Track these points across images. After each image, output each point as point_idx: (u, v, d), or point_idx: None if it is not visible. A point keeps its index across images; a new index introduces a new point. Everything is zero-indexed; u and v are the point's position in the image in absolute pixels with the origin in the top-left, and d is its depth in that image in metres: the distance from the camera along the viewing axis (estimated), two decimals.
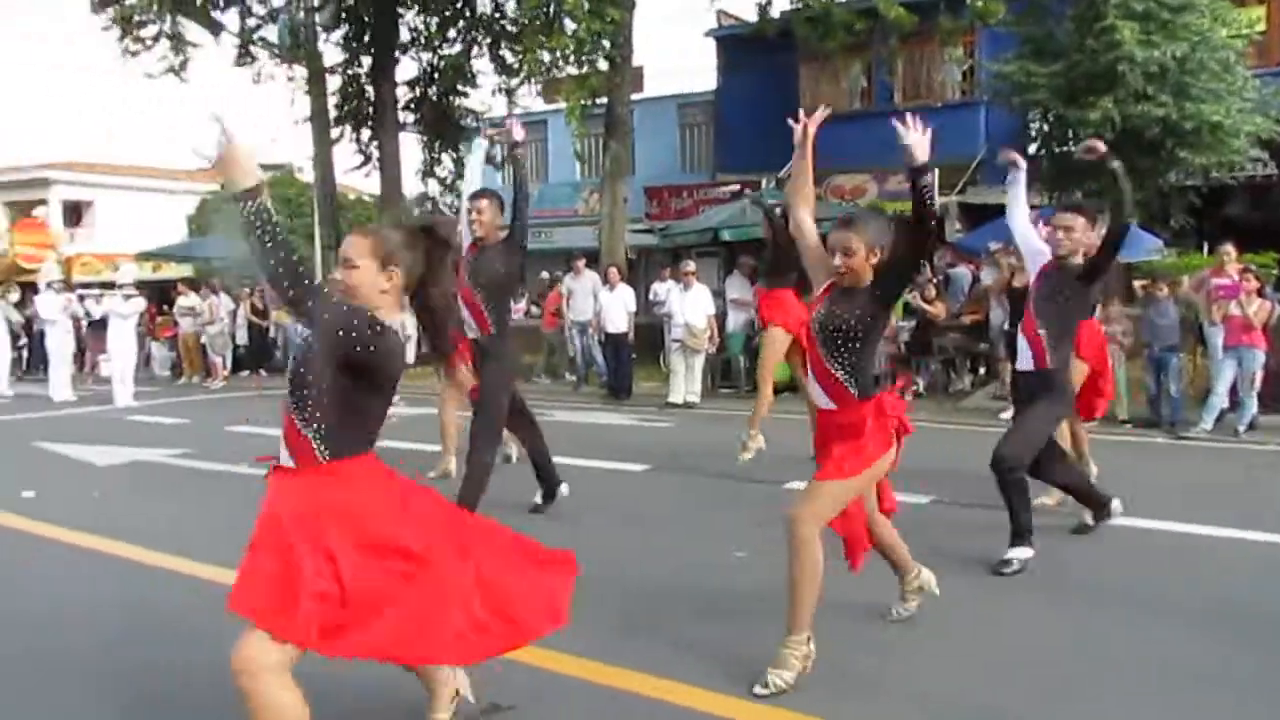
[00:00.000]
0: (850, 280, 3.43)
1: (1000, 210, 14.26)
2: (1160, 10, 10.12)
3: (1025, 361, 5.07)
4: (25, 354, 18.03)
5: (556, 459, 6.26)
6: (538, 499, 6.09)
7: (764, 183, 17.41)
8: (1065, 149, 11.46)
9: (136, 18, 16.31)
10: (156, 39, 16.77)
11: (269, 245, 2.38)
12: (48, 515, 6.28)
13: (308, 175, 25.80)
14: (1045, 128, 11.75)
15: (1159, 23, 10.12)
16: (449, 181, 20.39)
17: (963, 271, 13.01)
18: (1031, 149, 13.19)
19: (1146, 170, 10.82)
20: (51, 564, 5.37)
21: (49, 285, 14.47)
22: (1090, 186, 10.96)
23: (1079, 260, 4.95)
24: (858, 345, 3.39)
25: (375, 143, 19.25)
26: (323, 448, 2.47)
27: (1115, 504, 5.27)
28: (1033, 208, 13.23)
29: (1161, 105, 10.09)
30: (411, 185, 20.45)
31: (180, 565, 5.03)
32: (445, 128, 19.70)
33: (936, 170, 13.10)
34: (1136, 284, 12.97)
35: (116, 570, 5.09)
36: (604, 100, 15.89)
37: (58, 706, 3.42)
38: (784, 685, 3.27)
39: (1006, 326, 10.96)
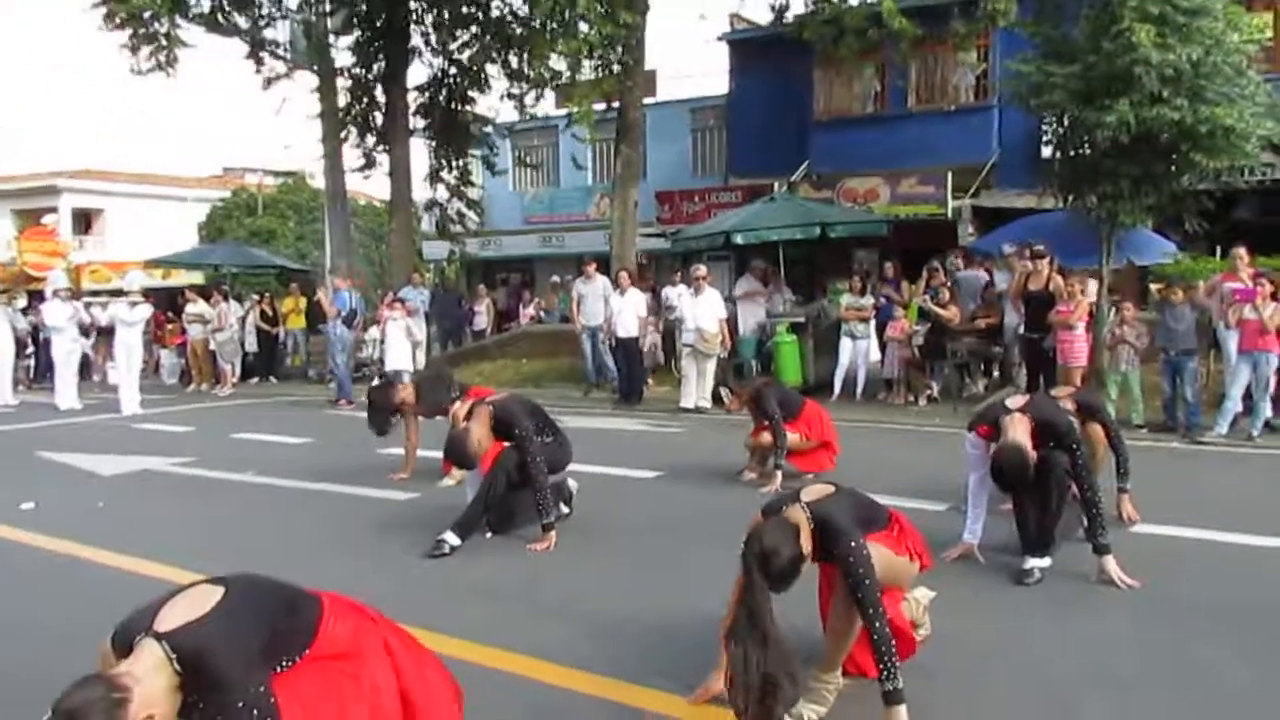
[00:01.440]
0: None
1: (1014, 213, 14.33)
2: (1175, 14, 10.04)
3: None
4: (33, 363, 18.03)
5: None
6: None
7: (776, 185, 17.32)
8: (1080, 151, 11.36)
9: (145, 14, 16.27)
10: (154, 38, 16.75)
11: None
12: (49, 526, 6.20)
13: (318, 182, 25.85)
14: (1060, 130, 11.60)
15: (1174, 26, 10.03)
16: (456, 187, 20.34)
17: (974, 274, 12.86)
18: (1046, 152, 13.06)
19: (1160, 174, 10.76)
20: (49, 575, 5.30)
21: (55, 293, 14.43)
22: (1104, 189, 10.85)
23: None
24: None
25: (383, 147, 19.21)
26: None
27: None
28: (1046, 211, 13.25)
29: (1176, 108, 9.98)
30: (420, 191, 20.45)
31: (180, 576, 4.94)
32: (454, 133, 19.66)
33: (950, 173, 13.16)
34: (1152, 288, 12.85)
35: (115, 581, 5.00)
36: (616, 104, 15.81)
37: None
38: (815, 718, 3.21)
39: (1021, 330, 10.86)
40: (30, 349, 17.77)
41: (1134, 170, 10.64)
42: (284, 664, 2.27)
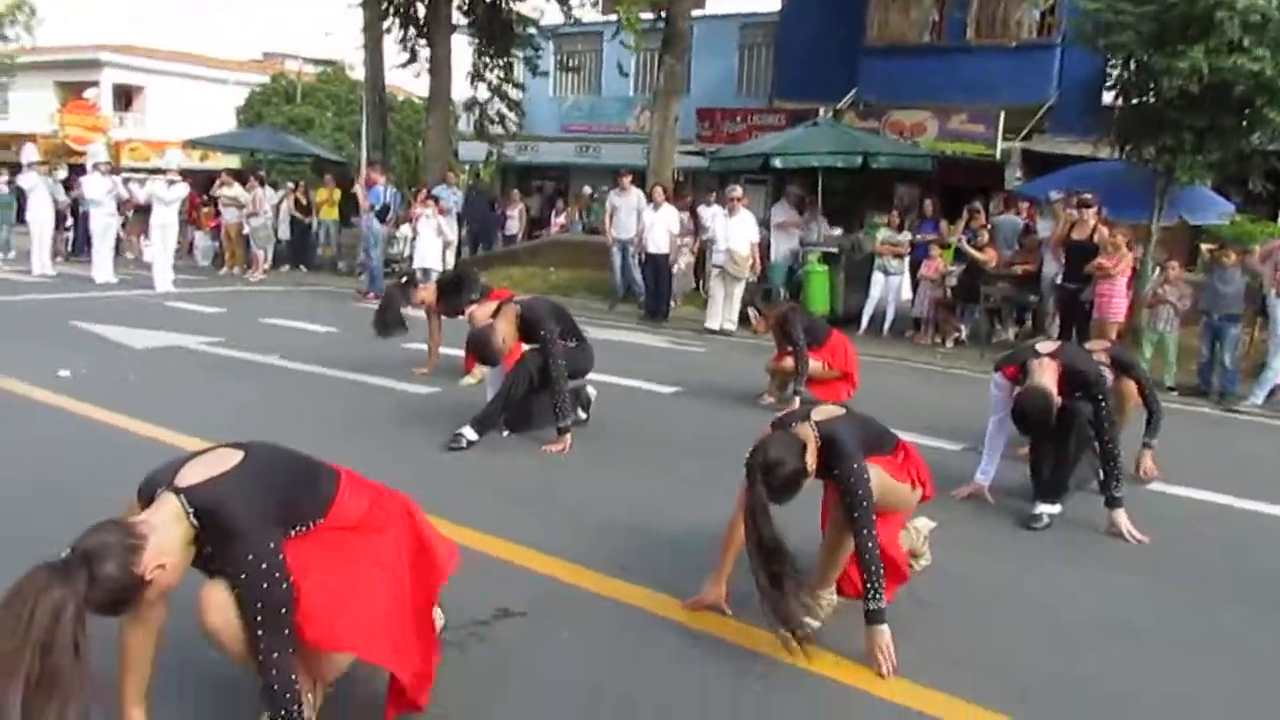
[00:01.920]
0: None
1: (1065, 160, 13.95)
2: None
3: None
4: (71, 235, 18.18)
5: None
6: (467, 431, 5.56)
7: (821, 111, 16.94)
8: (1144, 99, 10.92)
9: None
10: None
11: None
12: (81, 393, 6.32)
13: (358, 73, 25.59)
14: (1126, 75, 11.14)
15: None
16: (497, 86, 20.03)
17: (1012, 219, 12.58)
18: (1107, 98, 12.62)
19: (1229, 129, 10.28)
20: (79, 439, 5.40)
21: (95, 167, 14.42)
22: (1165, 141, 10.47)
23: None
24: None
25: (424, 41, 18.89)
26: None
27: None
28: (1099, 160, 12.79)
29: (1257, 59, 9.40)
30: (461, 89, 20.17)
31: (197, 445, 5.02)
32: (497, 31, 19.28)
33: (1003, 113, 12.54)
34: (1203, 248, 12.51)
35: (140, 448, 5.09)
36: (664, 14, 15.42)
37: None
38: (809, 631, 3.23)
39: (1059, 280, 10.67)
40: (69, 221, 17.91)
41: (1199, 123, 10.17)
42: (298, 529, 2.31)
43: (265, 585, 2.12)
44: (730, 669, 2.99)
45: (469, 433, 5.48)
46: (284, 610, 2.14)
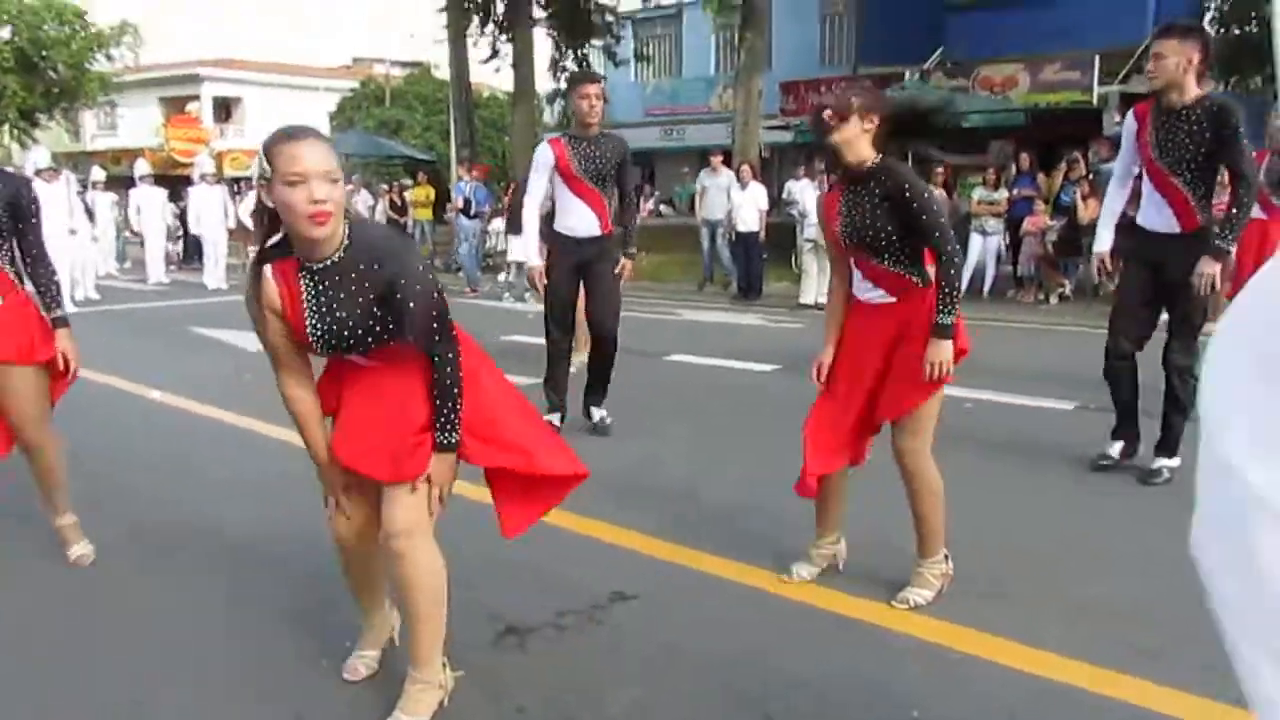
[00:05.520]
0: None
1: None
2: None
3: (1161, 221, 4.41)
4: (182, 245, 19.06)
5: (680, 357, 6.21)
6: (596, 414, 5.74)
7: (907, 74, 16.58)
8: (1243, 29, 10.46)
9: None
10: None
11: None
12: (204, 396, 6.65)
13: (443, 72, 26.03)
14: (1225, 6, 10.68)
15: None
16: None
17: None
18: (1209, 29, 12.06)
19: None
20: (207, 440, 5.70)
21: (202, 177, 15.09)
22: (1269, 71, 10.01)
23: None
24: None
25: (506, 36, 19.13)
26: None
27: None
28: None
29: None
30: (543, 82, 20.35)
31: None
32: (577, 22, 19.39)
33: (1098, 57, 12.19)
34: None
35: (262, 446, 5.35)
36: None
37: (226, 577, 3.62)
38: (923, 602, 3.20)
39: None
40: (179, 231, 18.78)
41: None
42: None
43: (434, 295, 2.41)
44: (848, 642, 3.00)
45: (553, 420, 5.49)
46: (448, 317, 2.45)
